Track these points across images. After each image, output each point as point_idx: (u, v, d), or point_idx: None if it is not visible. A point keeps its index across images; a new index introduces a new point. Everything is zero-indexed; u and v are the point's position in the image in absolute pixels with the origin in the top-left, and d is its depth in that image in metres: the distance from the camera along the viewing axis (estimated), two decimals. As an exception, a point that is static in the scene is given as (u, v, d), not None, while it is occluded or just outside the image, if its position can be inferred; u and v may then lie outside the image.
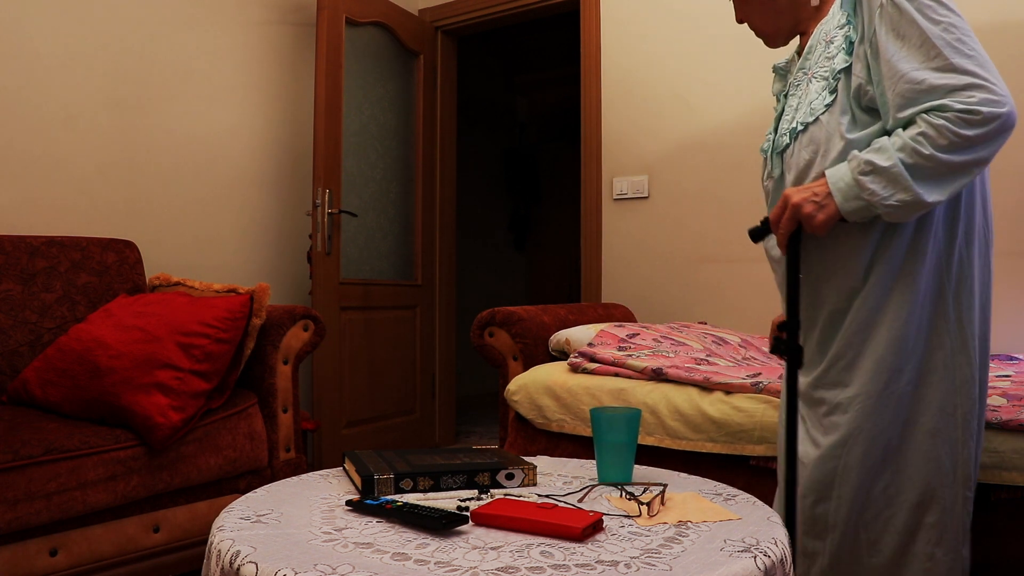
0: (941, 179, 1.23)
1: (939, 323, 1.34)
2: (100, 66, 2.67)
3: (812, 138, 1.36)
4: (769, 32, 1.49)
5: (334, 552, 0.95)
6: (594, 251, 3.37)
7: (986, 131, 1.20)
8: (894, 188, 1.22)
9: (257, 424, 2.13)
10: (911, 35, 1.24)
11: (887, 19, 1.27)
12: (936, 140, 1.20)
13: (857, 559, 1.37)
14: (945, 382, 1.33)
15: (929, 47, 1.23)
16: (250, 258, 3.19)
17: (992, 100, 1.20)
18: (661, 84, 3.20)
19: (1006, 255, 2.47)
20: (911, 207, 1.23)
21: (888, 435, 1.34)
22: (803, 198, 1.29)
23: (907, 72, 1.24)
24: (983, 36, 2.53)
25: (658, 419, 2.03)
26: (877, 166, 1.23)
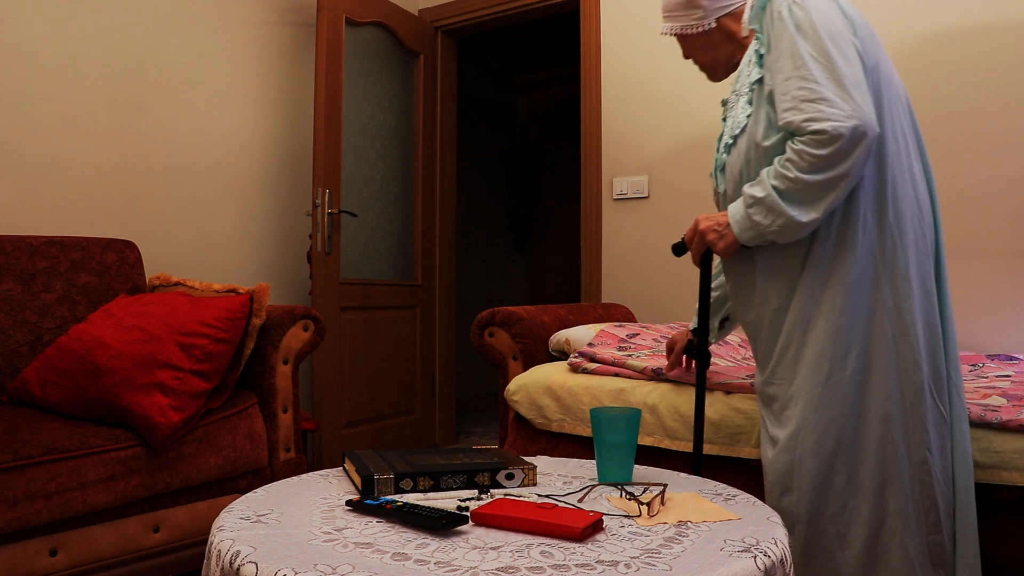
0: (810, 198, 1.34)
1: (877, 311, 1.40)
2: (100, 66, 2.67)
3: (740, 149, 1.48)
4: (709, 65, 1.62)
5: (334, 552, 0.95)
6: (594, 251, 3.37)
7: (836, 148, 1.29)
8: (773, 215, 1.36)
9: (257, 424, 2.13)
10: (786, 50, 1.36)
11: (777, 32, 1.39)
12: (798, 163, 1.32)
13: (830, 553, 1.41)
14: (890, 369, 1.39)
15: (797, 59, 1.33)
16: (250, 258, 3.19)
17: (837, 117, 1.29)
18: (661, 84, 3.20)
19: (1006, 255, 2.47)
20: (791, 229, 1.36)
21: (840, 425, 1.40)
22: (708, 226, 1.49)
23: (781, 83, 1.36)
24: (982, 36, 2.54)
25: (658, 419, 2.03)
26: (756, 198, 1.37)
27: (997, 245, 2.48)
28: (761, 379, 1.52)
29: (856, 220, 1.39)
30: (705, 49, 1.60)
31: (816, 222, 1.35)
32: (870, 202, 1.40)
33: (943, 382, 1.43)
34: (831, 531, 1.41)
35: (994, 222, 2.49)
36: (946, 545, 1.42)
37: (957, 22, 2.56)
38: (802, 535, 1.42)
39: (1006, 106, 2.48)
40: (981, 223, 2.51)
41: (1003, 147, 2.48)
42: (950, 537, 1.42)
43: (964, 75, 2.54)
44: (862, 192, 1.39)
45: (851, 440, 1.40)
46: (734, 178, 1.49)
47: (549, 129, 6.16)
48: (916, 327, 1.40)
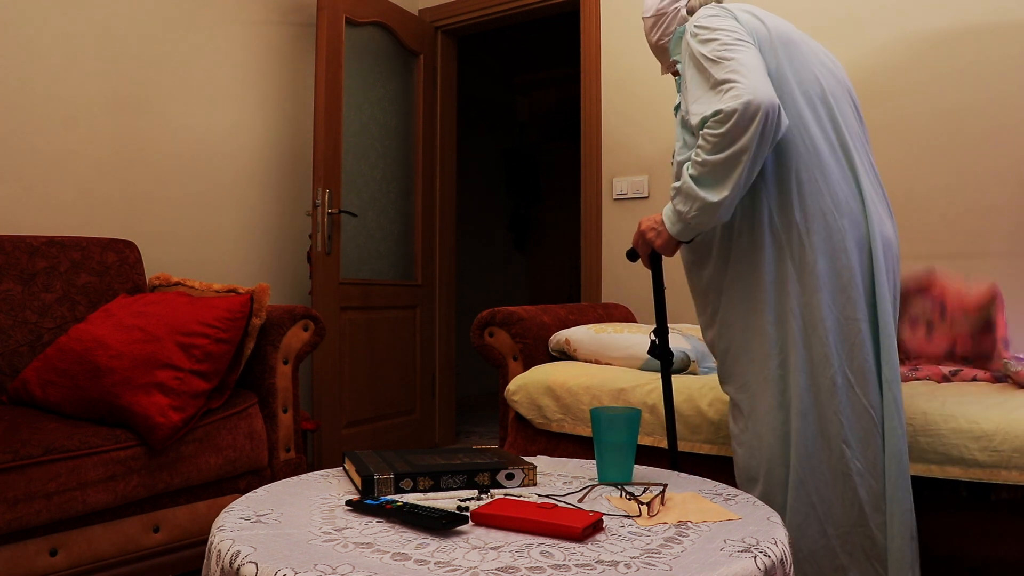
0: (718, 178, 1.40)
1: (785, 307, 1.48)
2: (100, 66, 2.67)
3: (673, 171, 1.60)
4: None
5: (334, 552, 0.95)
6: (594, 251, 3.37)
7: (732, 124, 1.35)
8: (691, 201, 1.43)
9: (257, 424, 2.13)
10: (694, 65, 1.46)
11: (685, 56, 1.50)
12: (704, 147, 1.40)
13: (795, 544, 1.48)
14: (800, 363, 1.46)
15: (701, 70, 1.44)
16: (250, 258, 3.19)
17: (732, 96, 1.35)
18: (661, 84, 3.20)
19: (1006, 255, 2.47)
20: (706, 212, 1.42)
21: (772, 418, 1.48)
22: (647, 226, 1.57)
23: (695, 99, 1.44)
24: (982, 36, 2.54)
25: (658, 419, 2.03)
26: (676, 188, 1.46)
27: (998, 245, 2.48)
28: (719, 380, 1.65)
29: (762, 219, 1.49)
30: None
31: (728, 202, 1.40)
32: (773, 200, 1.48)
33: (868, 376, 1.45)
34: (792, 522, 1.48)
35: (995, 222, 2.49)
36: (877, 539, 1.44)
37: (957, 22, 2.56)
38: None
39: (1006, 106, 2.47)
40: (982, 223, 2.51)
41: (1004, 147, 2.48)
42: (881, 531, 1.44)
43: (964, 75, 2.54)
44: (764, 192, 1.48)
45: (782, 434, 1.48)
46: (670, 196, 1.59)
47: (549, 129, 6.16)
48: (825, 322, 1.44)
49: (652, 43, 1.73)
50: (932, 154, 2.59)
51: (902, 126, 2.62)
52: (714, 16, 1.48)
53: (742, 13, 1.52)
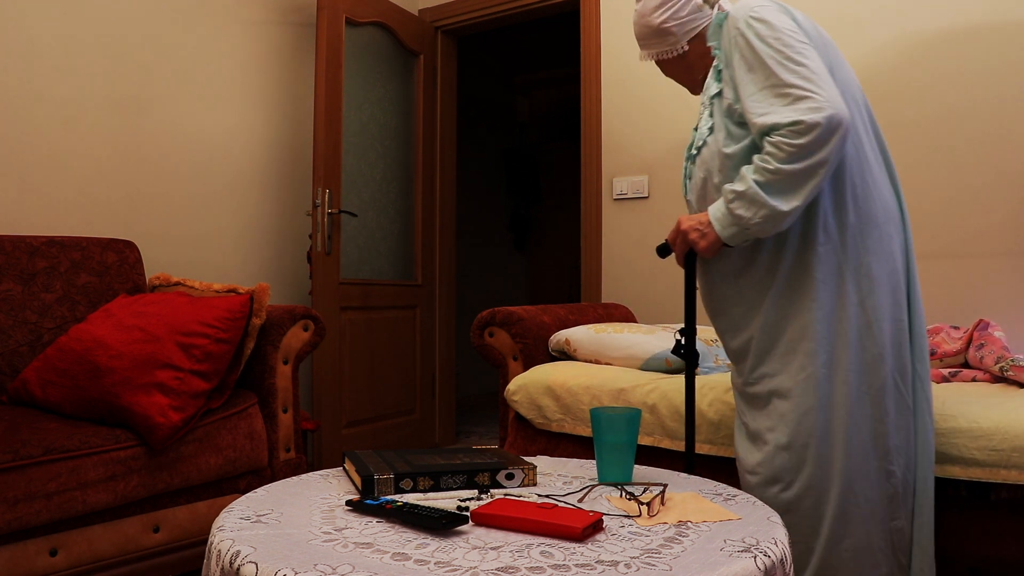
0: (791, 187, 1.38)
1: (842, 307, 1.47)
2: (100, 66, 2.67)
3: (703, 160, 1.56)
4: (689, 84, 1.73)
5: (334, 552, 0.95)
6: (594, 251, 3.37)
7: (813, 137, 1.35)
8: (756, 207, 1.40)
9: (257, 424, 2.13)
10: (752, 61, 1.43)
11: (738, 47, 1.46)
12: (777, 155, 1.37)
13: (806, 543, 1.47)
14: (855, 363, 1.45)
15: (763, 68, 1.41)
16: (250, 258, 3.19)
17: (814, 108, 1.35)
18: (661, 84, 3.20)
19: (1006, 255, 2.47)
20: (773, 219, 1.40)
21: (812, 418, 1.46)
22: (690, 226, 1.52)
23: (751, 94, 1.43)
24: (981, 37, 2.54)
25: (657, 419, 2.03)
26: (738, 192, 1.41)
27: (999, 245, 2.48)
28: (741, 379, 1.59)
29: (817, 221, 1.47)
30: (682, 70, 1.71)
31: (797, 211, 1.40)
32: (829, 203, 1.47)
33: (908, 375, 1.50)
34: (807, 523, 1.46)
35: (996, 223, 2.49)
36: (905, 530, 1.48)
37: (958, 23, 2.56)
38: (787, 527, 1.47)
39: (1007, 107, 2.47)
40: (983, 224, 2.51)
41: (1004, 148, 2.48)
42: (908, 523, 1.49)
43: (965, 76, 2.54)
44: (820, 194, 1.46)
45: (823, 433, 1.46)
46: (696, 188, 1.58)
47: (549, 129, 6.16)
48: (881, 323, 1.46)
49: (652, 25, 1.64)
50: (932, 154, 2.59)
51: (902, 126, 2.62)
52: (770, 9, 1.44)
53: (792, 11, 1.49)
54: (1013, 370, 1.97)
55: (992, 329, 2.19)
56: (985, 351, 2.10)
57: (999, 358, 2.04)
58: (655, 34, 1.66)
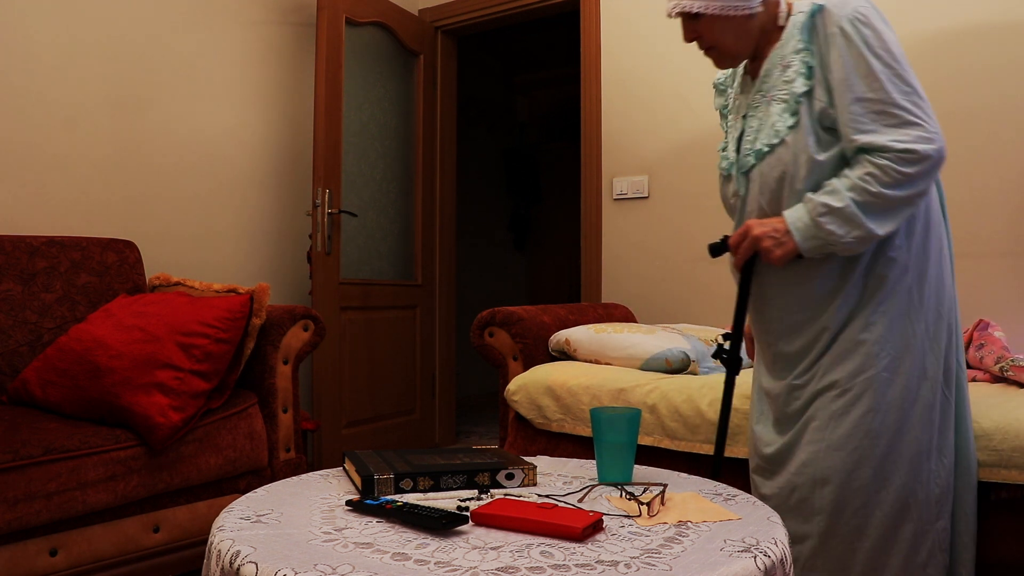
0: (888, 212, 1.36)
1: (908, 311, 1.44)
2: (100, 66, 2.67)
3: (779, 159, 1.45)
4: (735, 53, 1.50)
5: (334, 552, 0.95)
6: (594, 251, 3.37)
7: (923, 168, 1.33)
8: (849, 226, 1.35)
9: (257, 424, 2.13)
10: (857, 67, 1.35)
11: (839, 47, 1.37)
12: (881, 178, 1.33)
13: (848, 544, 1.44)
14: (916, 366, 1.44)
15: (872, 79, 1.34)
16: (250, 258, 3.19)
17: (925, 138, 1.32)
18: (661, 84, 3.20)
19: (1006, 255, 2.47)
20: (865, 241, 1.37)
21: (869, 419, 1.42)
22: (763, 232, 1.42)
23: (854, 102, 1.35)
24: (982, 37, 2.54)
25: (657, 419, 2.03)
26: (832, 208, 1.35)
27: (998, 245, 2.48)
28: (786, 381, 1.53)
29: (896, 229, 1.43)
30: (738, 35, 1.46)
31: (887, 235, 1.39)
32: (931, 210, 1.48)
33: (952, 376, 1.49)
34: (852, 523, 1.44)
35: (996, 223, 2.49)
36: (948, 531, 1.48)
37: (959, 23, 2.56)
38: (821, 526, 1.45)
39: (1007, 107, 2.47)
40: (983, 224, 2.51)
41: (1005, 148, 2.48)
42: (950, 523, 1.49)
43: (966, 76, 2.54)
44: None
45: (877, 434, 1.42)
46: (769, 187, 1.47)
47: (549, 129, 6.16)
48: (940, 326, 1.46)
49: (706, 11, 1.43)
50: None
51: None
52: (873, 14, 1.37)
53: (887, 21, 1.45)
54: (1013, 370, 1.97)
55: (992, 329, 2.19)
56: (985, 351, 2.10)
57: (999, 358, 2.04)
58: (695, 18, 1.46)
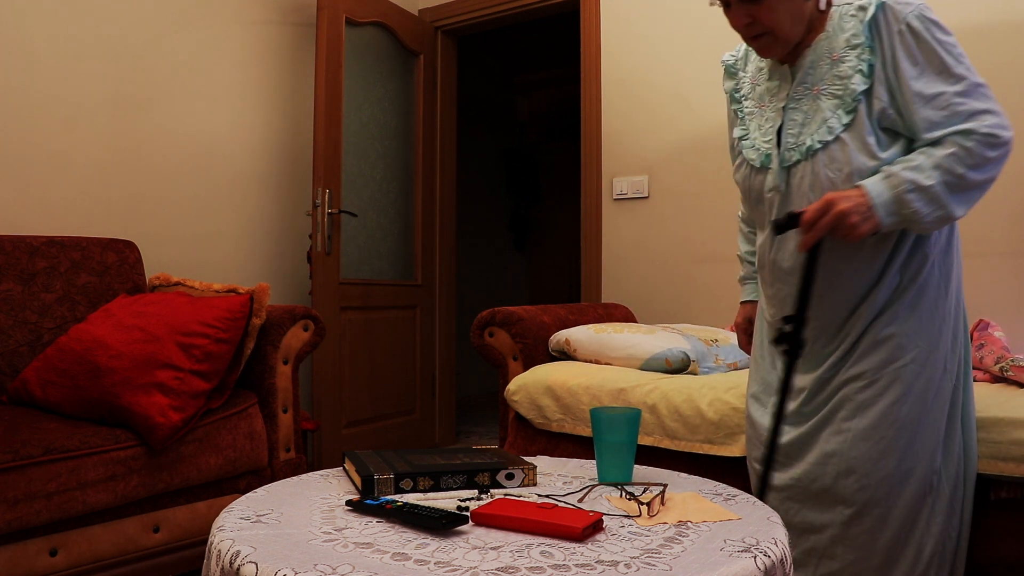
0: (967, 195, 1.35)
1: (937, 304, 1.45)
2: (100, 65, 2.67)
3: (833, 157, 1.42)
4: (789, 38, 1.44)
5: (334, 552, 0.95)
6: (594, 251, 3.37)
7: (1001, 153, 1.34)
8: (934, 206, 1.33)
9: (257, 424, 2.13)
10: (931, 61, 1.36)
11: (907, 45, 1.37)
12: (966, 160, 1.32)
13: (870, 534, 1.45)
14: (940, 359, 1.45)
15: (948, 74, 1.35)
16: (250, 258, 3.19)
17: (1003, 125, 1.34)
18: (661, 84, 3.20)
19: (1006, 255, 2.47)
20: (944, 221, 1.36)
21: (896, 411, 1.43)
22: (849, 207, 1.34)
23: (933, 96, 1.35)
24: (983, 36, 2.54)
25: (657, 419, 2.03)
26: (920, 185, 1.33)
27: (998, 245, 2.48)
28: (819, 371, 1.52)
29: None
30: (795, 18, 1.41)
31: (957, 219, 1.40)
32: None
33: (963, 372, 1.52)
34: (875, 513, 1.44)
35: (996, 223, 2.49)
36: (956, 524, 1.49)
37: (958, 24, 2.55)
38: (845, 516, 1.45)
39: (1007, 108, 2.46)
40: (983, 224, 2.51)
41: (1003, 147, 2.48)
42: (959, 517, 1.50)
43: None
44: None
45: (902, 425, 1.43)
46: (823, 185, 1.42)
47: (549, 129, 6.16)
48: (958, 320, 1.49)
49: None
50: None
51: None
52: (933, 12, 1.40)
53: None
54: (1013, 370, 1.97)
55: (992, 329, 2.19)
56: (985, 351, 2.10)
57: (999, 358, 2.04)
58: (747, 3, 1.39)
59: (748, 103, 1.59)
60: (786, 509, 1.52)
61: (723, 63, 1.67)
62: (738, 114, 1.61)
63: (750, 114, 1.58)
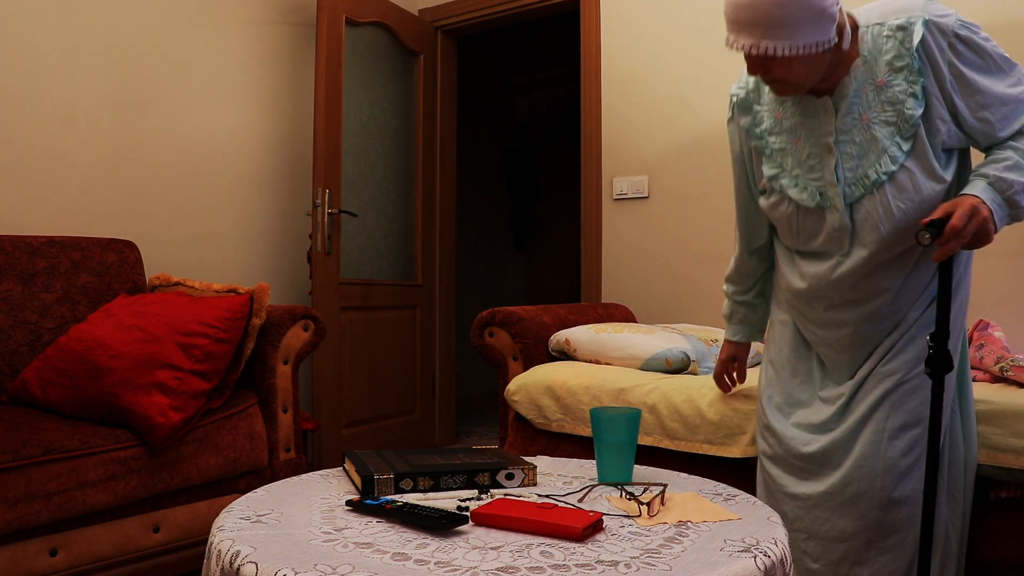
0: None
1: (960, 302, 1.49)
2: (100, 66, 2.67)
3: (901, 187, 1.39)
4: (805, 84, 1.40)
5: (334, 552, 0.95)
6: (594, 251, 3.37)
7: None
8: None
9: (257, 424, 2.13)
10: (988, 64, 1.36)
11: (962, 55, 1.35)
12: None
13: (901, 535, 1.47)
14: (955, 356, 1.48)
15: (1002, 71, 1.36)
16: (250, 258, 3.19)
17: None
18: (661, 84, 3.20)
19: (1006, 255, 2.47)
20: None
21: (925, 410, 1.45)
22: (987, 215, 1.30)
23: (1002, 94, 1.35)
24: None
25: (657, 419, 2.03)
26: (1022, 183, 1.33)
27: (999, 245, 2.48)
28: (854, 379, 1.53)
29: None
30: (812, 68, 1.36)
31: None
32: None
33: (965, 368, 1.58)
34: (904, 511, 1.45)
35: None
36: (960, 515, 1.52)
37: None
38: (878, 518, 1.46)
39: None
40: (981, 223, 2.51)
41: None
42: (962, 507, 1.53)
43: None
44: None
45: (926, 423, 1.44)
46: (894, 216, 1.39)
47: (549, 129, 6.16)
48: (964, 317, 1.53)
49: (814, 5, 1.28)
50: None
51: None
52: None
53: None
54: (1013, 371, 1.97)
55: (992, 329, 2.19)
56: (985, 351, 2.10)
57: (999, 358, 2.04)
58: (815, 18, 1.28)
59: (775, 139, 1.51)
60: (813, 518, 1.51)
61: (733, 97, 1.59)
62: (764, 152, 1.53)
63: (781, 150, 1.50)
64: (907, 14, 1.35)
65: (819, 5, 1.28)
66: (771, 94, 1.52)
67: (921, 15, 1.34)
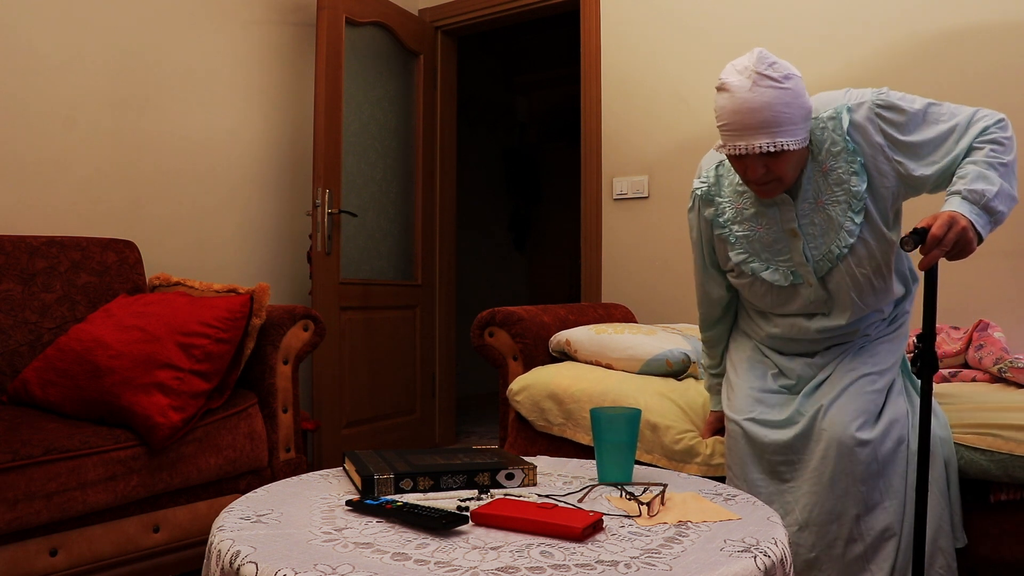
0: (1014, 178, 1.44)
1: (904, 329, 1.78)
2: (100, 67, 2.67)
3: (859, 256, 1.56)
4: (790, 183, 1.54)
5: (334, 552, 0.95)
6: (594, 251, 3.37)
7: (1011, 132, 1.47)
8: (1009, 201, 1.43)
9: (257, 424, 2.13)
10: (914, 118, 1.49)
11: (890, 121, 1.50)
12: (999, 149, 1.44)
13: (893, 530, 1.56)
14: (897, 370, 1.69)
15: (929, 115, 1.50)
16: (250, 258, 3.19)
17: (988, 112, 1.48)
18: (661, 84, 3.20)
19: (1007, 255, 2.47)
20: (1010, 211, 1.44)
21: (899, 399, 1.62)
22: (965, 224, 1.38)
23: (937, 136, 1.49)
24: (983, 36, 2.54)
25: (658, 437, 1.99)
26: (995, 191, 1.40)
27: (997, 245, 2.48)
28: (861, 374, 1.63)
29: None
30: (797, 165, 1.53)
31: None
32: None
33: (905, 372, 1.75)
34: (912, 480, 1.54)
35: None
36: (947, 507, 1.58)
37: (963, 24, 2.56)
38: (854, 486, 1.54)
39: (1009, 108, 2.47)
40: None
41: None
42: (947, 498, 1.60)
43: (969, 77, 2.54)
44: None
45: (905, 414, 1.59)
46: (859, 281, 1.58)
47: (549, 129, 6.16)
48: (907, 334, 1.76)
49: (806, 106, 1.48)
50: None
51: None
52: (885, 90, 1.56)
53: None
54: (1011, 371, 1.97)
55: (992, 330, 2.19)
56: (984, 352, 2.11)
57: (998, 359, 2.05)
58: (806, 116, 1.48)
59: (738, 227, 1.67)
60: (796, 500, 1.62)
61: (697, 190, 1.75)
62: (729, 239, 1.69)
63: (745, 237, 1.66)
64: (832, 105, 1.52)
65: (808, 105, 1.48)
66: (731, 187, 1.68)
67: (844, 103, 1.52)
